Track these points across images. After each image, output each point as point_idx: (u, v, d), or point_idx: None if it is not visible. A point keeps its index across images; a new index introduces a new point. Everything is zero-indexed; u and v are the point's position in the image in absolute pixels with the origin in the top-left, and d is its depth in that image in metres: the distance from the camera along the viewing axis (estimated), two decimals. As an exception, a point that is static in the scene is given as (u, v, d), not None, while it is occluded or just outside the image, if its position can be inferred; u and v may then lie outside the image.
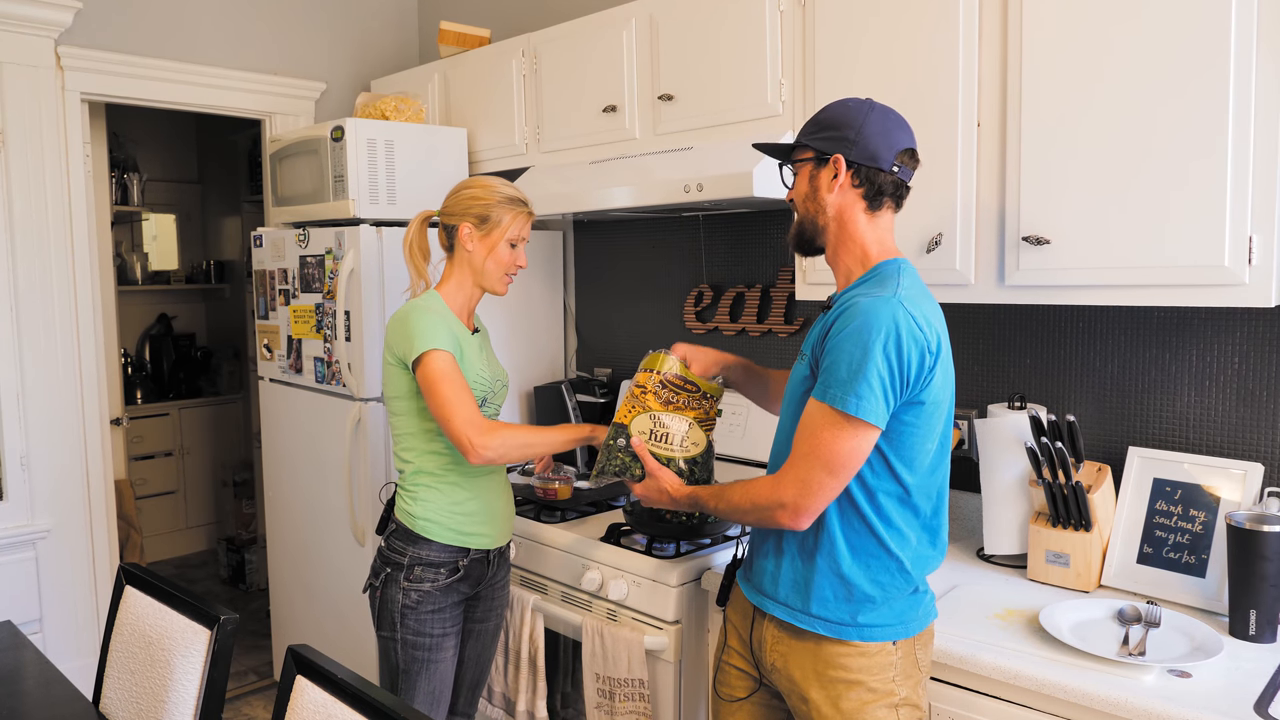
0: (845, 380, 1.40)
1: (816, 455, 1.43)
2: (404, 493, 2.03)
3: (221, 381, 5.56)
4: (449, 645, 2.02)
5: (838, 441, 1.42)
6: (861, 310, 1.42)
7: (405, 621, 1.97)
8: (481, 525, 2.04)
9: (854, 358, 1.40)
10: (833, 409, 1.41)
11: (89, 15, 3.06)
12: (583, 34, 2.71)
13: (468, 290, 2.06)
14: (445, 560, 1.99)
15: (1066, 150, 1.76)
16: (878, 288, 1.47)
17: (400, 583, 1.97)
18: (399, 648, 1.98)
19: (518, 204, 2.03)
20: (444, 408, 1.88)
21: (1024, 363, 2.20)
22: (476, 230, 2.01)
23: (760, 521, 1.53)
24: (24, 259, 2.95)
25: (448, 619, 2.01)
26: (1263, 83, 1.55)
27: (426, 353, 1.90)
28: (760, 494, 1.51)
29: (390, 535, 2.04)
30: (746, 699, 1.64)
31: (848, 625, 1.48)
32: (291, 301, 3.09)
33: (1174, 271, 1.64)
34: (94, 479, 3.14)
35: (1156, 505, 1.89)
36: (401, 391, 1.99)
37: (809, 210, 1.57)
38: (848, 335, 1.41)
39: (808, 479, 1.44)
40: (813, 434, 1.44)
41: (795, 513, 1.46)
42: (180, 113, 4.03)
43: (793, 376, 1.60)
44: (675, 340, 2.98)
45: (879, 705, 1.48)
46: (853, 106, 1.53)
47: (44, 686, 1.85)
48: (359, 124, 2.85)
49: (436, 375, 1.89)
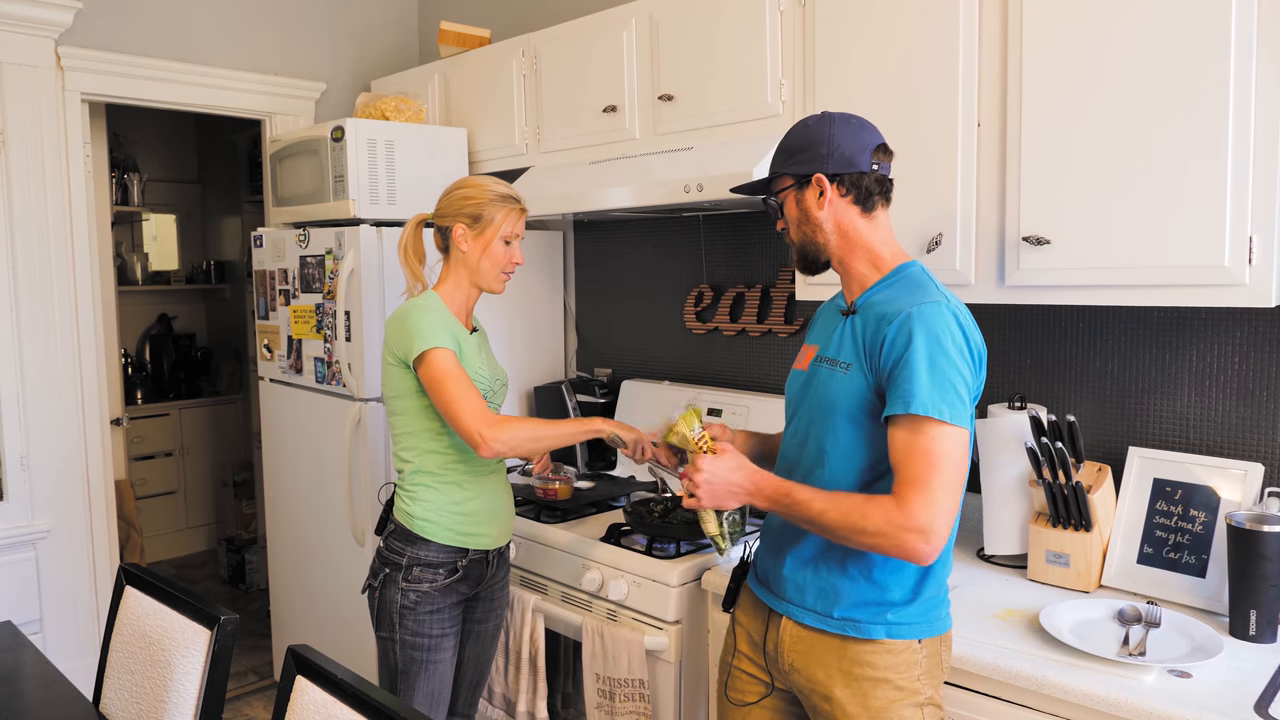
0: (935, 389, 1.37)
1: (940, 472, 1.36)
2: (403, 493, 2.03)
3: (221, 381, 5.56)
4: (448, 646, 2.01)
5: (955, 451, 1.37)
6: (922, 317, 1.40)
7: (404, 622, 1.97)
8: (481, 525, 2.03)
9: (936, 365, 1.37)
10: (936, 420, 1.36)
11: (89, 15, 3.06)
12: (583, 34, 2.71)
13: (465, 290, 2.06)
14: (444, 561, 1.99)
15: (1067, 150, 1.75)
16: (917, 292, 1.46)
17: (399, 583, 1.97)
18: (397, 648, 1.98)
19: (510, 201, 2.03)
20: (451, 404, 1.88)
21: (1024, 363, 2.20)
22: (470, 229, 2.01)
23: (878, 549, 1.38)
24: (24, 259, 2.95)
25: (446, 619, 2.00)
26: (1263, 82, 1.54)
27: (428, 351, 1.90)
28: (887, 521, 1.36)
29: (389, 536, 2.03)
30: (757, 703, 1.63)
31: (877, 624, 1.48)
32: (292, 302, 3.09)
33: (1174, 271, 1.64)
34: (94, 479, 3.14)
35: (1157, 505, 1.89)
36: (401, 391, 1.99)
37: (806, 234, 1.56)
38: (920, 344, 1.38)
39: (939, 500, 1.35)
40: (924, 452, 1.36)
41: (929, 537, 1.34)
42: (180, 113, 4.03)
43: (829, 385, 1.52)
44: (675, 340, 2.99)
45: (905, 704, 1.47)
46: (812, 124, 1.55)
47: (44, 686, 1.85)
48: (359, 124, 2.85)
49: (440, 372, 1.89)
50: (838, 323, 1.57)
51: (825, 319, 1.66)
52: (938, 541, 1.36)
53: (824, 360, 1.56)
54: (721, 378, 2.88)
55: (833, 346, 1.55)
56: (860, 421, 1.48)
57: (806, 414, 1.57)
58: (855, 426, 1.48)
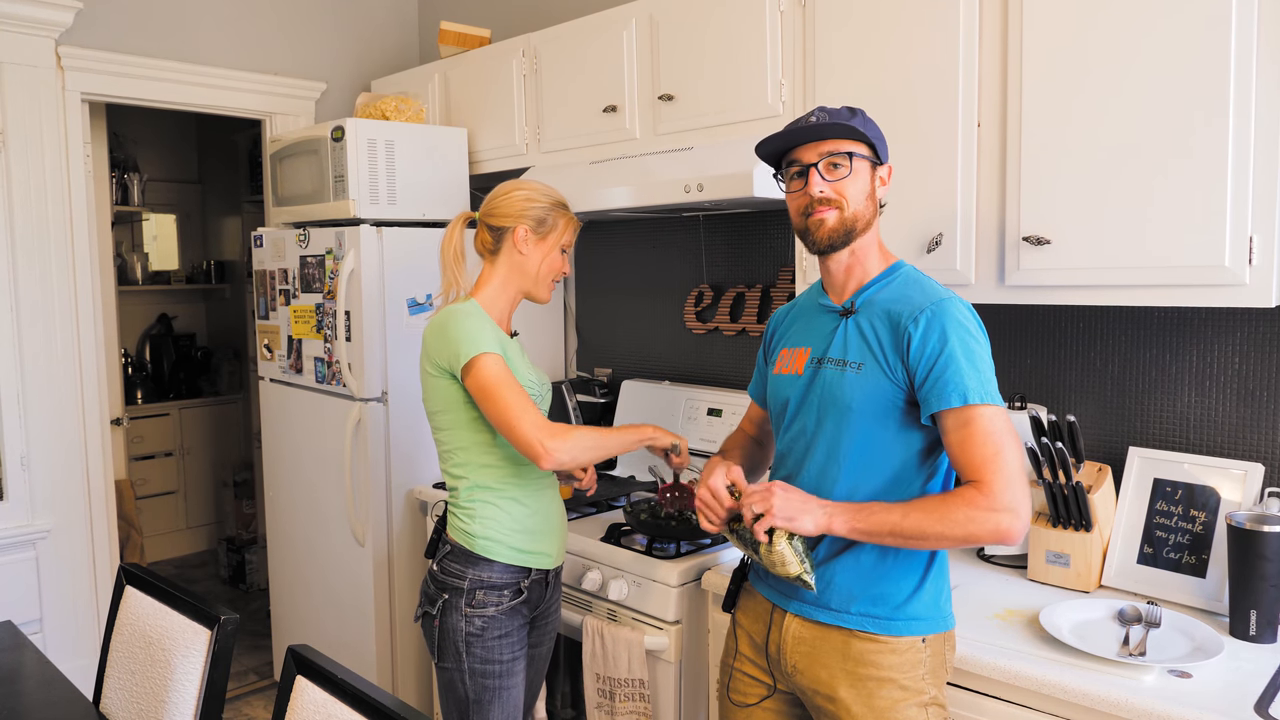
0: (979, 378, 1.40)
1: (1007, 448, 1.38)
2: (460, 510, 1.90)
3: (221, 381, 5.56)
4: (519, 670, 1.89)
5: (1009, 430, 1.40)
6: (947, 313, 1.44)
7: (471, 650, 1.84)
8: (542, 543, 1.92)
9: (973, 355, 1.42)
10: (988, 404, 1.39)
11: (89, 15, 3.06)
12: (583, 34, 2.71)
13: (510, 295, 1.96)
14: (508, 582, 1.87)
15: (1067, 150, 1.75)
16: (927, 289, 1.49)
17: (461, 609, 1.85)
18: (466, 678, 1.85)
19: (568, 210, 1.98)
20: (506, 412, 1.77)
21: (1024, 363, 2.20)
22: (533, 233, 1.92)
23: (970, 538, 1.37)
24: (24, 259, 2.96)
25: (516, 643, 1.88)
26: (1263, 83, 1.54)
27: (476, 357, 1.79)
28: (973, 507, 1.36)
29: (444, 558, 1.90)
30: (758, 704, 1.63)
31: (882, 620, 1.48)
32: (292, 301, 3.09)
33: (1174, 272, 1.64)
34: (94, 479, 3.14)
35: (1157, 505, 1.89)
36: (447, 404, 1.88)
37: (868, 208, 1.52)
38: (955, 338, 1.42)
39: (1014, 474, 1.38)
40: (986, 435, 1.38)
41: (1019, 513, 1.36)
42: (180, 113, 4.03)
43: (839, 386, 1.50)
44: (675, 340, 2.99)
45: (910, 704, 1.47)
46: (859, 113, 1.54)
47: (44, 686, 1.85)
48: (359, 124, 2.85)
49: (492, 380, 1.78)
50: (834, 323, 1.56)
51: (808, 320, 1.63)
52: (1026, 515, 1.37)
53: (827, 362, 1.53)
54: (721, 378, 2.88)
55: (835, 347, 1.53)
56: (883, 420, 1.47)
57: (812, 418, 1.55)
58: (877, 425, 1.48)
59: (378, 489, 2.84)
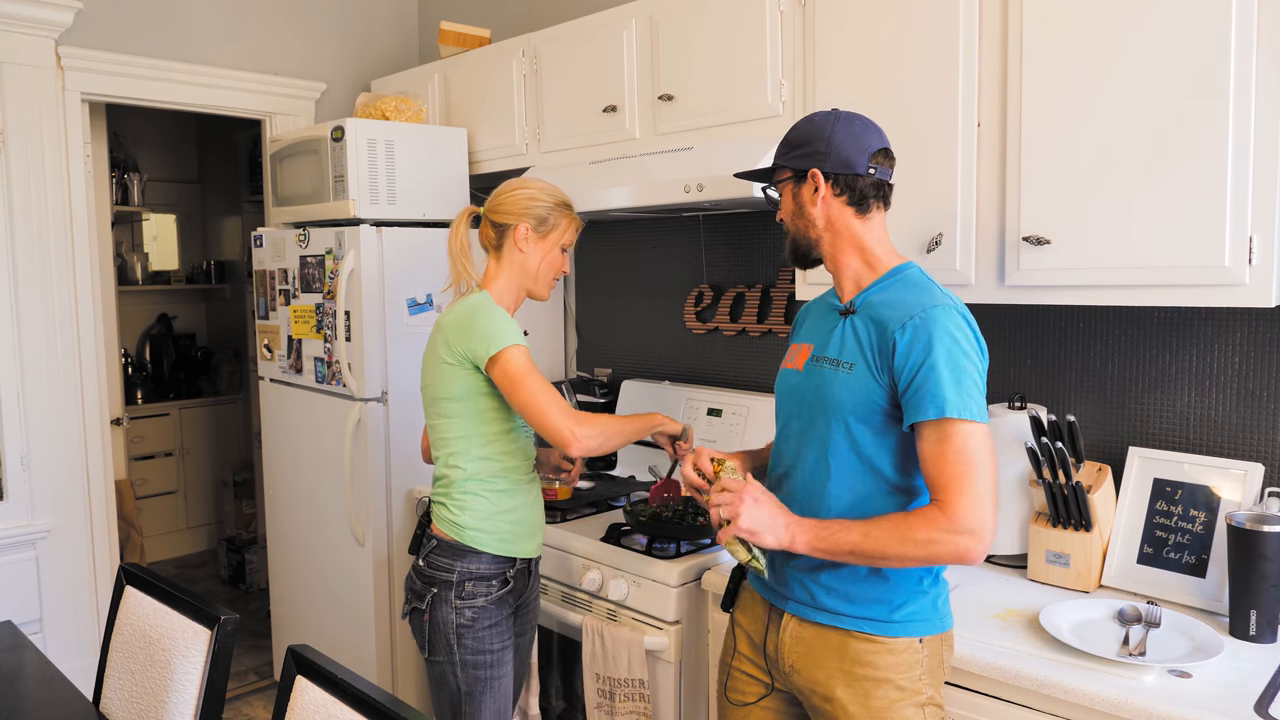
0: (959, 390, 1.38)
1: (977, 469, 1.36)
2: (449, 502, 1.93)
3: (221, 381, 5.56)
4: (508, 659, 1.93)
5: (986, 446, 1.38)
6: (936, 321, 1.41)
7: (463, 641, 1.87)
8: (527, 534, 1.97)
9: (957, 366, 1.39)
10: (965, 420, 1.37)
11: (89, 15, 3.06)
12: (583, 34, 2.71)
13: (514, 291, 1.99)
14: (495, 572, 1.91)
15: (1067, 150, 1.75)
16: (922, 294, 1.47)
17: (451, 601, 1.87)
18: (458, 670, 1.88)
19: (571, 209, 2.01)
20: (535, 401, 1.81)
21: (1024, 363, 2.20)
22: (534, 232, 1.95)
23: (932, 559, 1.37)
24: (24, 259, 2.96)
25: (504, 632, 1.92)
26: (1263, 83, 1.54)
27: (506, 349, 1.82)
28: (934, 528, 1.35)
29: (430, 552, 1.92)
30: (756, 703, 1.63)
31: (880, 621, 1.48)
32: (292, 301, 3.09)
33: (1174, 271, 1.64)
34: (94, 479, 3.14)
35: (1157, 505, 1.89)
36: (460, 393, 1.89)
37: (799, 227, 1.58)
38: (939, 348, 1.39)
39: (981, 497, 1.35)
40: (957, 452, 1.36)
41: (980, 536, 1.35)
42: (180, 113, 4.03)
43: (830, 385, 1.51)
44: (675, 340, 2.99)
45: (906, 704, 1.47)
46: (818, 120, 1.55)
47: (44, 686, 1.85)
48: (359, 124, 2.85)
49: (521, 370, 1.82)
50: (835, 322, 1.56)
51: (818, 317, 1.65)
52: (988, 539, 1.36)
53: (824, 360, 1.55)
54: (721, 378, 2.88)
55: (832, 346, 1.54)
56: (868, 421, 1.47)
57: (806, 414, 1.56)
58: (863, 426, 1.48)
59: (377, 489, 2.84)
